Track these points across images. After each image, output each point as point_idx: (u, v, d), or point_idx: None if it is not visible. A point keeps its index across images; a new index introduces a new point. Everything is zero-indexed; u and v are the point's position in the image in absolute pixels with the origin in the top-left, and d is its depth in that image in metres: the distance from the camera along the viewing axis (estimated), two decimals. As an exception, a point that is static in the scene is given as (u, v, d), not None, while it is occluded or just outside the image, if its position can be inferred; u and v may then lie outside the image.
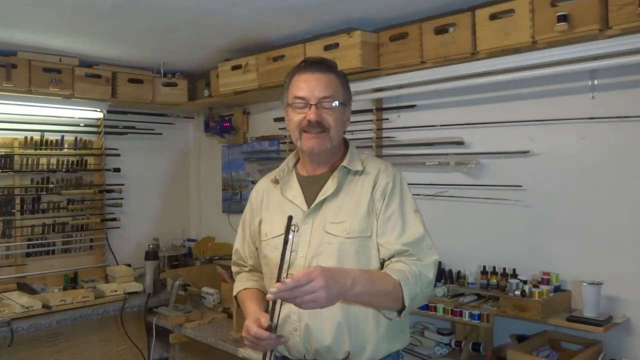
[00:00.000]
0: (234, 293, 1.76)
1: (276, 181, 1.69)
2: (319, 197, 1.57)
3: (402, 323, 1.57)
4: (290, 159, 1.72)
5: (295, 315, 1.51)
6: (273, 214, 1.65)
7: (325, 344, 1.50)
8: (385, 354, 1.55)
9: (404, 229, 1.51)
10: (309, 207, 1.58)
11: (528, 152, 2.34)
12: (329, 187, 1.58)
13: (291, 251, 1.40)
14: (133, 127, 3.74)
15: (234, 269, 1.85)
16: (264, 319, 1.40)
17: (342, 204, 1.56)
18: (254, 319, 1.43)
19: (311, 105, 1.53)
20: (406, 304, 1.40)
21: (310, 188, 1.62)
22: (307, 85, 1.54)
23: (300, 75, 1.57)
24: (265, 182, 1.75)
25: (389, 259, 1.50)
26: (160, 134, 3.92)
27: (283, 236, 1.48)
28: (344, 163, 1.60)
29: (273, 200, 1.69)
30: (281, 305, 1.36)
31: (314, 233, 1.54)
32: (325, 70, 1.57)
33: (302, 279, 1.23)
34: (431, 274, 1.48)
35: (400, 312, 1.45)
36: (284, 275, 1.34)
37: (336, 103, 1.56)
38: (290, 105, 1.58)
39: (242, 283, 1.75)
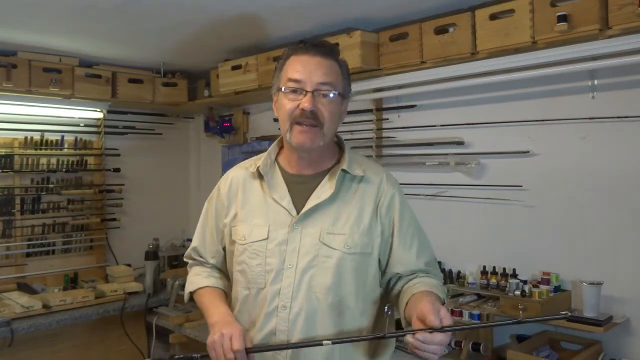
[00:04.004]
0: (192, 288, 1.52)
1: (259, 175, 1.47)
2: (312, 202, 1.39)
3: (388, 341, 1.46)
4: (272, 150, 1.50)
5: (283, 334, 1.35)
6: (252, 215, 1.44)
7: None
8: None
9: (421, 246, 1.44)
10: (298, 212, 1.40)
11: (528, 152, 2.34)
12: (325, 191, 1.40)
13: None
14: (133, 127, 3.74)
15: (188, 261, 1.63)
16: (249, 340, 1.29)
17: (340, 212, 1.39)
18: (243, 333, 1.28)
19: (307, 91, 1.34)
20: None
21: (299, 189, 1.43)
22: (305, 68, 1.36)
23: (298, 57, 1.39)
24: (239, 173, 1.52)
25: (410, 274, 1.42)
26: (160, 134, 3.92)
27: (266, 242, 1.39)
28: (344, 166, 1.42)
29: (253, 197, 1.46)
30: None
31: (305, 242, 1.37)
32: (327, 55, 1.39)
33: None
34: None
35: None
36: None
37: (334, 93, 1.38)
38: (283, 91, 1.39)
39: (203, 279, 1.53)
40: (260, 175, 1.47)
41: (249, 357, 1.26)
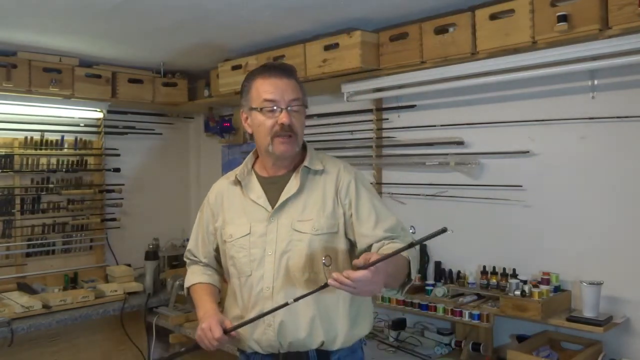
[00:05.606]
0: (188, 284, 1.81)
1: (237, 182, 1.72)
2: (283, 197, 1.63)
3: (366, 311, 1.68)
4: (249, 160, 1.75)
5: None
6: (237, 216, 1.69)
7: (300, 337, 1.57)
8: (354, 340, 1.64)
9: (379, 218, 1.61)
10: (272, 207, 1.63)
11: (528, 152, 2.34)
12: (292, 186, 1.64)
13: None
14: (133, 127, 3.74)
15: (186, 260, 1.90)
16: (228, 324, 1.56)
17: (307, 202, 1.63)
18: (219, 321, 1.56)
19: (282, 109, 1.58)
20: (412, 277, 1.54)
21: (272, 188, 1.67)
22: (277, 89, 1.59)
23: (267, 79, 1.62)
24: (223, 183, 1.79)
25: (376, 242, 1.57)
26: (160, 134, 3.93)
27: (249, 236, 1.64)
28: (306, 163, 1.66)
29: (234, 201, 1.72)
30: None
31: (280, 231, 1.61)
32: (290, 75, 1.64)
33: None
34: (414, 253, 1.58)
35: (403, 286, 1.56)
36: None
37: (301, 105, 1.63)
38: (261, 110, 1.61)
39: (197, 276, 1.80)
40: (239, 182, 1.72)
41: (231, 334, 1.55)
